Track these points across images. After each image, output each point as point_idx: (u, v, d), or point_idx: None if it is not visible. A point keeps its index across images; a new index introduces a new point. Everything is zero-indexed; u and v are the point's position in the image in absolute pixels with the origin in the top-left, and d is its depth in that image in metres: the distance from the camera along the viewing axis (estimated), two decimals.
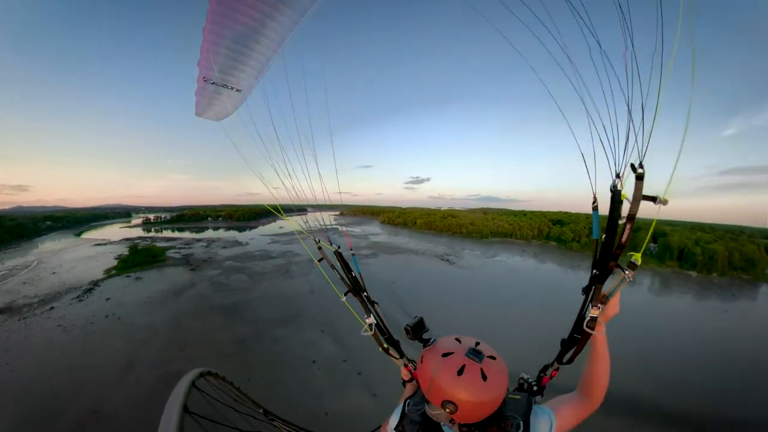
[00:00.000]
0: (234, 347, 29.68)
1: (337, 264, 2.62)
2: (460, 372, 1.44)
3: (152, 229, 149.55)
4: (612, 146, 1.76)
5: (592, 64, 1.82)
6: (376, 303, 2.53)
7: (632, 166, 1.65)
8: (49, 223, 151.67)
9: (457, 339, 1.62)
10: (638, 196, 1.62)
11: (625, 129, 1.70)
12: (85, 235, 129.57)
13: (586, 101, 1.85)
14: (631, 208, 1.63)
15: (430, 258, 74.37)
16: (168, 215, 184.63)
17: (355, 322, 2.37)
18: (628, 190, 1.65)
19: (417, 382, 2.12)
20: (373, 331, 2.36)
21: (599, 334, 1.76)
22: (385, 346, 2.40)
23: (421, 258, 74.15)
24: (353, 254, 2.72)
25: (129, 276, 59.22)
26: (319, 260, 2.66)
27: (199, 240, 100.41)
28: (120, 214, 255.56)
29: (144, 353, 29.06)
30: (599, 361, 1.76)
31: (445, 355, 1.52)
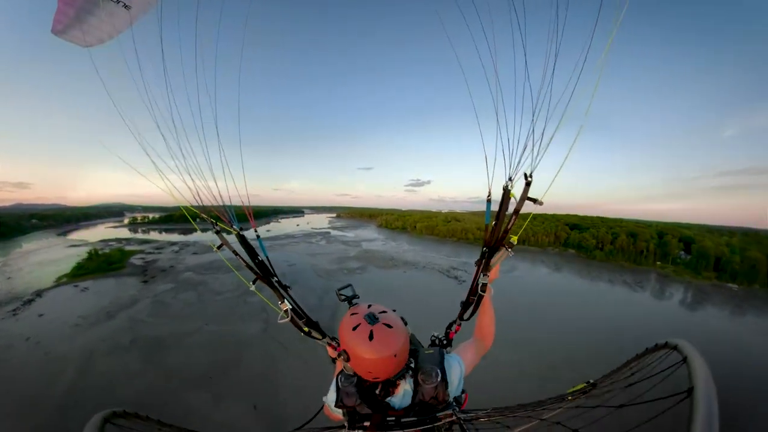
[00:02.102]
0: (130, 410, 20.58)
1: (240, 249, 2.42)
2: (354, 328, 1.66)
3: (139, 230, 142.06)
4: (511, 156, 2.18)
5: (513, 88, 2.16)
6: (289, 287, 2.45)
7: (525, 174, 2.12)
8: (34, 221, 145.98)
9: (369, 305, 1.80)
10: (524, 196, 2.10)
11: (522, 146, 2.15)
12: (70, 235, 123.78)
13: (500, 120, 2.20)
14: (517, 204, 2.13)
15: (433, 274, 60.39)
16: (157, 215, 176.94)
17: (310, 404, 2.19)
18: (517, 192, 2.13)
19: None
20: (290, 317, 2.32)
21: (487, 296, 2.31)
22: (306, 329, 2.36)
23: (422, 274, 60.30)
24: (258, 236, 2.55)
25: (77, 285, 52.41)
26: (219, 247, 2.35)
27: (174, 243, 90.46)
28: (113, 213, 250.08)
29: (40, 398, 22.31)
30: (487, 313, 2.35)
31: (352, 314, 1.74)
